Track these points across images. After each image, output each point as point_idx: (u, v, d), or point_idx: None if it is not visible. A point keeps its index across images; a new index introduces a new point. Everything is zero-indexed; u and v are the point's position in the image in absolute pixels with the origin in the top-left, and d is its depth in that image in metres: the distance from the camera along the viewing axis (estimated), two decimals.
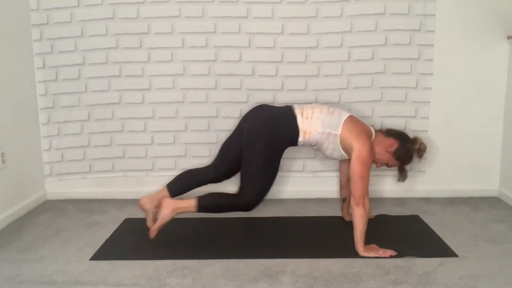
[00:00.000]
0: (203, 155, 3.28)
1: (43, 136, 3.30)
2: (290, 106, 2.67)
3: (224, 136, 3.14)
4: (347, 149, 2.55)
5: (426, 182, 3.34)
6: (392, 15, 3.12)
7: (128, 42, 3.17)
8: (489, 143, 3.31)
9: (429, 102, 3.23)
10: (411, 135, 3.16)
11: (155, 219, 2.64)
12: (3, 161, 2.90)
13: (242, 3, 3.12)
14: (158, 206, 2.66)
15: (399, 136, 2.65)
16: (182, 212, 2.55)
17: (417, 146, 2.64)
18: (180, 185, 2.73)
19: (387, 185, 3.31)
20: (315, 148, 2.67)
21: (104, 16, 3.14)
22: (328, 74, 3.19)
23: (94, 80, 3.23)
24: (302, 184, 3.35)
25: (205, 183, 2.74)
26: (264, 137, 2.54)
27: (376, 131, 2.67)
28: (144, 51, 3.19)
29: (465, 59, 3.21)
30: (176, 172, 3.25)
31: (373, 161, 2.61)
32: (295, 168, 3.33)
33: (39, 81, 3.23)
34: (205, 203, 2.54)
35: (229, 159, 2.71)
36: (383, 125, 3.22)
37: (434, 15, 3.12)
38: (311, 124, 2.56)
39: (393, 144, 2.61)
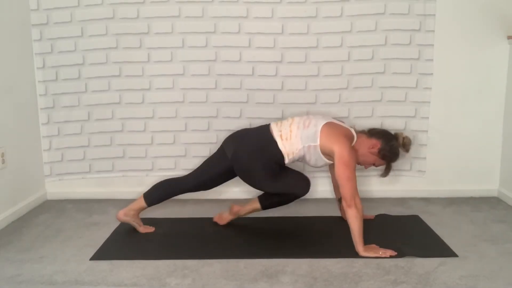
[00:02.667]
0: (203, 155, 3.27)
1: (43, 136, 3.30)
2: (268, 127, 2.67)
3: (224, 136, 3.14)
4: (329, 155, 2.56)
5: (426, 182, 3.34)
6: (392, 15, 3.12)
7: (128, 42, 3.18)
8: (489, 143, 3.31)
9: (429, 102, 3.23)
10: (411, 135, 3.17)
11: (141, 223, 2.76)
12: (3, 161, 2.90)
13: (242, 3, 3.12)
14: (136, 215, 2.74)
15: (381, 135, 2.64)
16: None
17: (401, 141, 2.63)
18: (156, 194, 2.74)
19: (387, 185, 3.31)
20: (299, 161, 2.71)
21: (104, 16, 3.14)
22: (328, 74, 3.19)
23: (94, 80, 3.23)
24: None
25: (182, 192, 2.76)
26: (256, 170, 2.61)
27: (358, 132, 2.67)
28: (144, 51, 3.19)
29: (465, 59, 3.21)
30: (176, 172, 3.27)
31: (360, 163, 2.62)
32: (295, 168, 3.32)
33: (39, 81, 3.23)
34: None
35: (211, 174, 2.72)
36: (383, 125, 3.23)
37: (434, 15, 3.12)
38: (292, 144, 2.59)
39: (375, 144, 2.60)
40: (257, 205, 2.76)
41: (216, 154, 2.78)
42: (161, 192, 2.73)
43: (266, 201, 2.75)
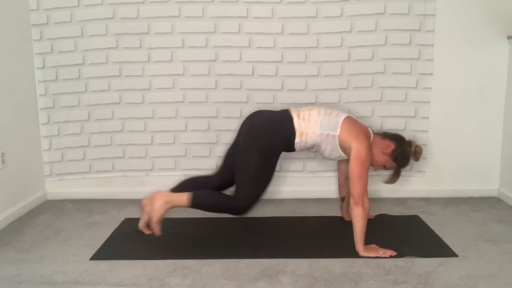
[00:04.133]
0: (203, 155, 3.28)
1: (43, 136, 3.30)
2: (287, 109, 2.67)
3: (224, 136, 3.15)
4: (346, 149, 2.55)
5: (426, 182, 3.34)
6: (392, 15, 3.12)
7: (128, 42, 3.18)
8: (489, 143, 3.31)
9: (429, 102, 3.23)
10: (411, 135, 3.17)
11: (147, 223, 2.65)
12: (3, 161, 2.90)
13: (242, 3, 3.12)
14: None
15: (395, 138, 2.66)
16: (174, 206, 2.46)
17: (413, 149, 2.65)
18: (184, 190, 2.62)
19: (387, 185, 3.30)
20: (313, 150, 2.67)
21: (104, 16, 3.14)
22: (328, 74, 3.20)
23: (94, 80, 3.23)
24: (302, 184, 3.35)
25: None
26: (260, 140, 2.53)
27: (373, 133, 2.68)
28: (144, 51, 3.19)
29: (465, 59, 3.21)
30: (176, 172, 3.27)
31: (371, 164, 2.61)
32: (295, 168, 3.33)
33: (39, 81, 3.23)
34: (199, 200, 2.49)
35: (231, 168, 2.67)
36: (383, 125, 3.23)
37: (434, 15, 3.12)
38: (308, 126, 2.56)
39: (389, 145, 2.62)
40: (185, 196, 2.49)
41: (233, 142, 2.74)
42: (186, 188, 2.59)
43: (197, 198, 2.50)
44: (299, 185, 3.35)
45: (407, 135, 3.19)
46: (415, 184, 3.35)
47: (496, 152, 3.32)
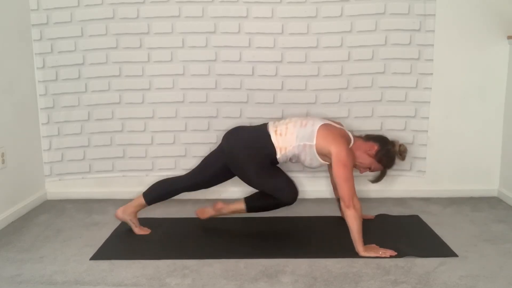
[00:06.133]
0: (203, 155, 3.27)
1: (43, 136, 3.30)
2: (265, 124, 2.72)
3: None
4: (326, 155, 2.56)
5: (426, 182, 3.34)
6: (392, 15, 3.12)
7: (128, 42, 3.18)
8: (489, 143, 3.30)
9: (429, 102, 3.23)
10: (411, 135, 3.18)
11: (137, 223, 2.74)
12: (3, 161, 2.90)
13: (242, 3, 3.12)
14: (134, 214, 2.73)
15: (378, 139, 2.66)
16: (233, 212, 2.78)
17: (397, 148, 2.65)
18: (155, 193, 2.73)
19: (387, 185, 3.31)
20: (293, 161, 2.70)
21: (104, 16, 3.14)
22: (328, 74, 3.20)
23: (94, 80, 3.23)
24: (302, 184, 3.35)
25: (182, 191, 2.77)
26: (248, 163, 2.61)
27: (355, 136, 2.68)
28: (144, 51, 3.19)
29: (465, 59, 3.21)
30: (176, 172, 3.27)
31: (356, 166, 2.62)
32: (295, 168, 3.33)
33: (39, 81, 3.23)
34: (251, 205, 2.72)
35: (209, 172, 2.73)
36: (383, 125, 3.23)
37: (434, 15, 3.12)
38: (286, 140, 2.60)
39: (372, 146, 2.61)
40: (242, 206, 2.75)
41: (214, 151, 2.79)
42: (161, 190, 2.74)
43: (251, 203, 2.74)
44: (299, 185, 3.34)
45: (407, 135, 3.20)
46: (415, 184, 3.35)
47: (496, 152, 3.32)
